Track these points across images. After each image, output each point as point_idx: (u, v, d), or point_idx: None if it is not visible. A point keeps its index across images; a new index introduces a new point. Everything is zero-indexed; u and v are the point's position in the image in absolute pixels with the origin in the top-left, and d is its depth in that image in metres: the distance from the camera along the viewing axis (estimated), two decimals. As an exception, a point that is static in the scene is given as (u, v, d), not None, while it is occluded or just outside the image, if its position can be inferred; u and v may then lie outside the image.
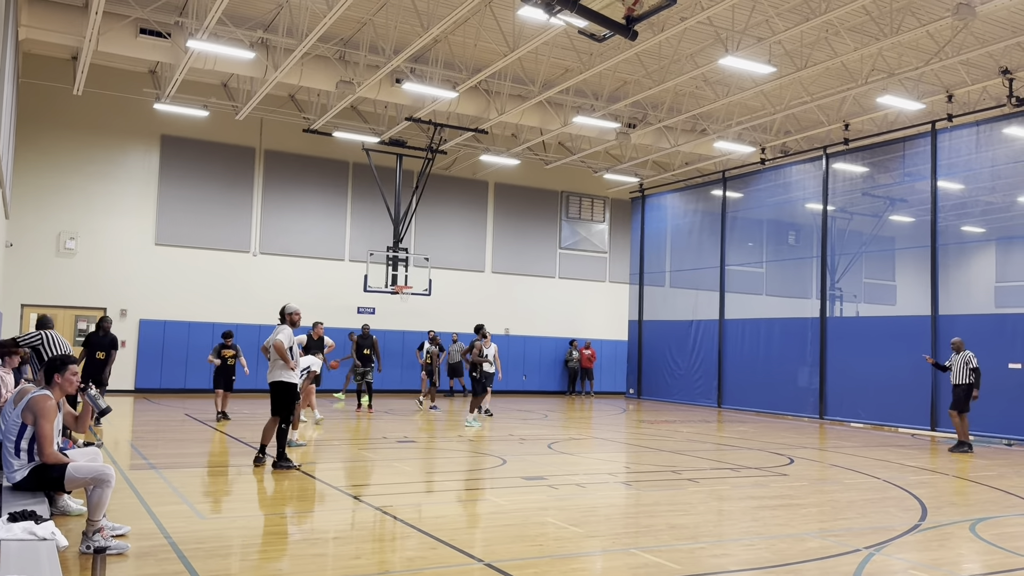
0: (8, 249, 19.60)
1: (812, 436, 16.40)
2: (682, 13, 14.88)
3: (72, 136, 21.30)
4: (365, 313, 24.14)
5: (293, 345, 10.15)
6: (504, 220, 27.43)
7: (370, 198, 24.59)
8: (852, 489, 9.83)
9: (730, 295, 23.86)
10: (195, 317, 22.39)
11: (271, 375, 10.05)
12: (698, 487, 9.50)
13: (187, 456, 11.16)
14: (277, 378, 9.98)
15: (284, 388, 10.00)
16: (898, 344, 18.70)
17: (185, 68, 17.24)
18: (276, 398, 9.98)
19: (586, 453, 12.73)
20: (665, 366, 25.80)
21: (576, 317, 28.22)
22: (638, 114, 22.34)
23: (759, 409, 22.07)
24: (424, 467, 10.91)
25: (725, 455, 12.76)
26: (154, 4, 16.42)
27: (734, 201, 24.40)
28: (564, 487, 9.35)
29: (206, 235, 22.84)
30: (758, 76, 18.09)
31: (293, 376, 10.08)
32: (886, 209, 21.50)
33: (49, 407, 5.95)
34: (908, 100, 18.72)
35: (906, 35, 15.23)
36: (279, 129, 23.56)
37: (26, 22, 16.02)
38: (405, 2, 15.58)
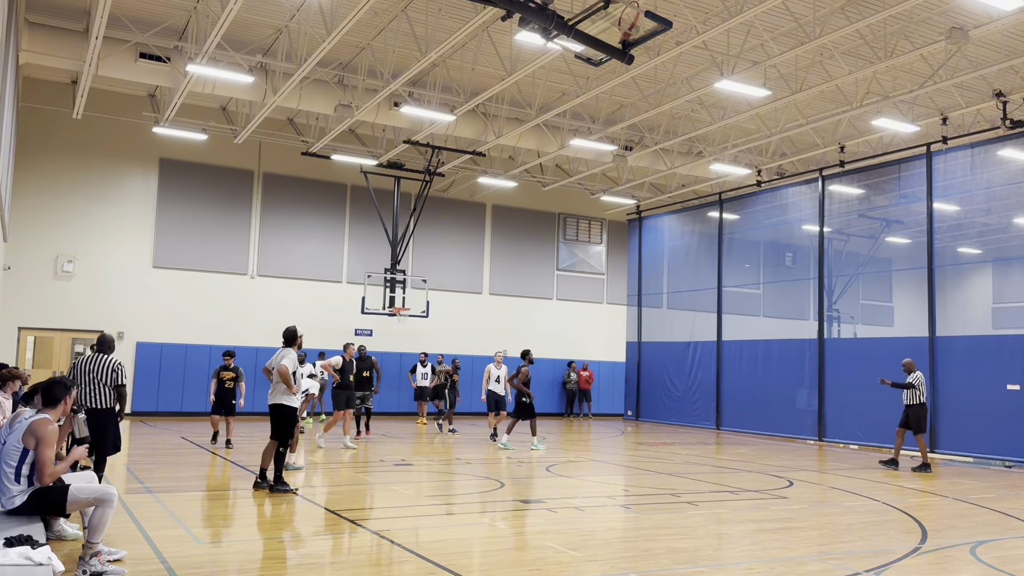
0: (5, 272, 19.59)
1: (811, 458, 16.35)
2: (677, 37, 15.02)
3: (71, 159, 21.36)
4: (362, 335, 24.10)
5: (297, 370, 10.18)
6: (502, 242, 27.49)
7: (368, 220, 24.65)
8: (852, 512, 9.80)
9: (727, 316, 23.87)
10: (192, 340, 22.35)
11: (272, 397, 10.04)
12: (697, 510, 9.46)
13: (184, 480, 11.11)
14: (278, 401, 9.96)
15: (284, 411, 9.97)
16: (896, 365, 18.64)
17: (184, 92, 17.34)
18: (276, 421, 9.95)
19: (584, 476, 12.68)
20: (663, 388, 25.75)
21: (574, 339, 28.20)
22: (635, 136, 22.46)
23: (758, 431, 22.01)
24: (422, 490, 10.86)
25: (724, 478, 12.71)
26: (154, 29, 16.54)
27: (731, 223, 24.48)
28: (562, 510, 9.31)
29: (204, 258, 22.85)
30: (753, 99, 18.22)
31: (294, 400, 10.09)
32: (882, 230, 21.57)
33: (51, 432, 5.92)
34: (903, 123, 18.86)
35: (900, 59, 15.38)
36: (277, 152, 23.65)
37: (27, 47, 16.12)
38: (403, 27, 15.72)
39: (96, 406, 8.87)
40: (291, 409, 10.04)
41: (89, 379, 8.92)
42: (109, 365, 9.04)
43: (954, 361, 17.55)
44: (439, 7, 14.82)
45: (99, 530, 5.74)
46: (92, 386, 8.90)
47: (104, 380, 8.97)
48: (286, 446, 9.98)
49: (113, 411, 9.03)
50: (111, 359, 9.13)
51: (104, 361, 9.06)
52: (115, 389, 9.02)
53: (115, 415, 9.08)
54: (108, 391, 8.97)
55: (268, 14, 16.11)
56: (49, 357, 20.95)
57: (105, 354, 9.22)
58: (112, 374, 9.00)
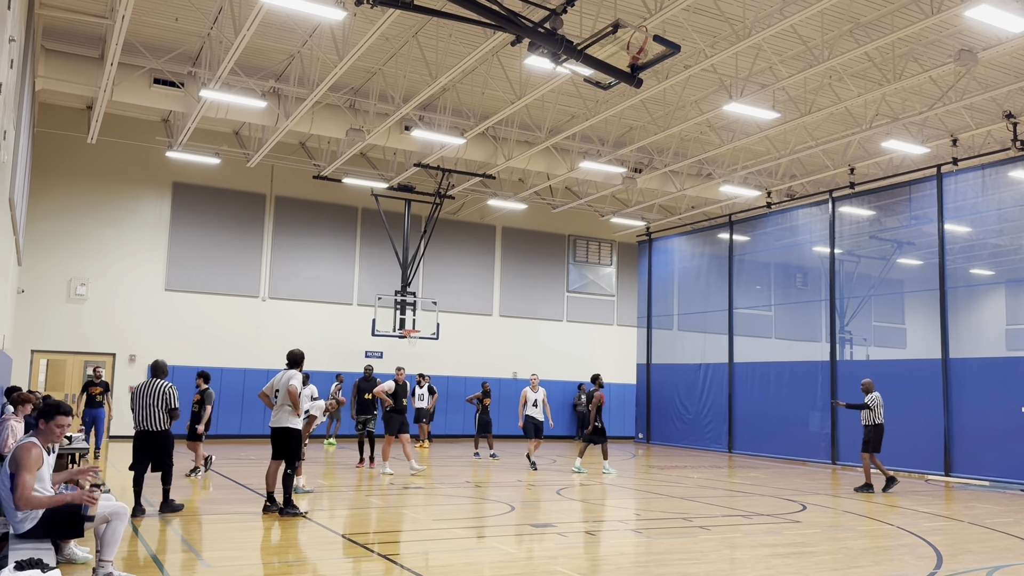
0: (19, 295, 19.74)
1: (824, 481, 16.20)
2: (686, 61, 15.10)
3: (85, 184, 21.58)
4: (373, 357, 24.12)
5: (303, 392, 10.27)
6: (511, 264, 27.53)
7: (379, 243, 24.75)
8: (866, 536, 9.69)
9: (739, 338, 23.76)
10: (204, 362, 22.37)
11: (277, 420, 10.02)
12: (710, 535, 9.38)
13: (194, 503, 11.09)
14: (284, 424, 9.95)
15: (290, 434, 9.97)
16: (909, 388, 18.54)
17: (198, 117, 17.52)
18: (282, 444, 9.94)
19: (596, 499, 12.60)
20: (674, 410, 25.61)
21: (584, 360, 28.11)
22: (644, 159, 22.53)
23: (770, 454, 21.83)
24: (431, 514, 10.81)
25: (737, 502, 12.61)
26: (168, 55, 16.76)
27: (741, 244, 24.45)
28: (573, 535, 9.25)
29: (216, 280, 22.98)
30: (762, 122, 18.27)
31: (299, 422, 10.10)
32: (894, 252, 21.50)
33: (32, 456, 5.80)
34: (913, 144, 18.85)
35: (909, 81, 15.40)
36: (290, 176, 23.82)
37: (43, 73, 16.35)
38: (414, 52, 15.87)
39: (152, 428, 9.69)
40: (297, 431, 10.05)
41: (145, 403, 9.70)
42: (162, 389, 9.76)
43: (968, 383, 17.40)
44: (449, 32, 14.96)
45: (111, 545, 5.75)
46: (149, 410, 9.69)
47: (159, 404, 9.71)
48: (294, 468, 9.97)
49: (168, 432, 9.83)
50: (165, 384, 9.86)
51: (159, 386, 9.79)
52: (168, 413, 9.77)
53: (170, 436, 9.88)
54: (163, 415, 9.74)
55: (281, 40, 16.30)
56: (62, 380, 21.05)
57: (159, 379, 9.99)
58: (165, 398, 9.73)
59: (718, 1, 13.57)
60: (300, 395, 10.06)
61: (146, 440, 9.76)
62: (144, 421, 9.72)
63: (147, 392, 9.77)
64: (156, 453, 9.74)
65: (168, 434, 9.83)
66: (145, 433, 9.75)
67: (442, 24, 14.64)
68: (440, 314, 24.24)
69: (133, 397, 9.97)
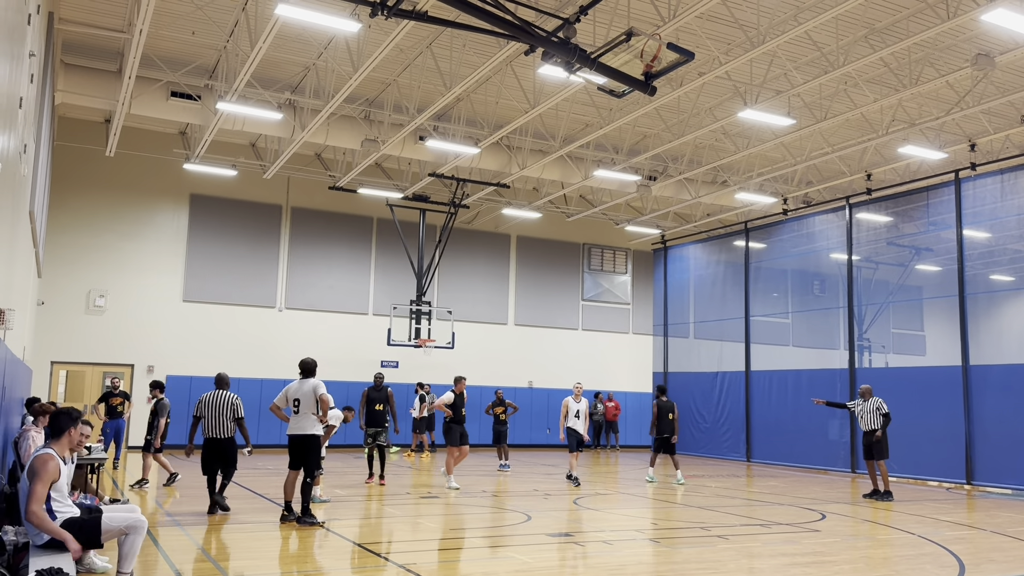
0: (39, 307, 19.93)
1: (844, 490, 16.05)
2: (700, 68, 15.09)
3: (104, 196, 21.79)
4: (388, 367, 24.17)
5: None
6: (526, 273, 27.53)
7: (394, 253, 24.83)
8: (886, 545, 9.58)
9: (756, 346, 23.63)
10: (217, 372, 22.50)
11: (298, 428, 10.02)
12: (728, 544, 9.30)
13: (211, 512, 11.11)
14: (307, 431, 9.97)
15: (309, 442, 9.98)
16: (929, 395, 18.37)
17: (214, 129, 17.67)
18: (303, 452, 9.95)
19: (612, 509, 12.54)
20: (691, 419, 25.47)
21: (600, 369, 28.05)
22: (659, 166, 22.50)
23: (789, 463, 21.66)
24: (448, 523, 10.79)
25: (755, 511, 12.51)
26: (185, 68, 16.93)
27: (757, 252, 24.34)
28: (591, 544, 9.20)
29: (233, 291, 23.12)
30: (778, 128, 18.21)
31: (320, 429, 10.17)
32: (912, 258, 21.32)
33: (49, 468, 5.76)
34: (930, 149, 18.73)
35: (925, 86, 15.31)
36: (305, 187, 23.96)
37: (62, 87, 16.55)
38: (428, 63, 15.94)
39: (220, 436, 10.64)
40: (317, 439, 10.10)
41: (215, 413, 10.66)
42: (230, 400, 10.76)
43: (989, 390, 17.22)
44: (463, 43, 15.03)
45: (130, 558, 5.78)
46: (217, 419, 10.65)
47: (227, 413, 10.68)
48: (312, 477, 9.98)
49: (233, 440, 10.75)
50: (231, 395, 10.85)
51: (225, 397, 10.78)
52: (235, 421, 10.72)
53: (235, 443, 10.78)
54: (230, 423, 10.70)
55: (296, 52, 16.43)
56: (81, 391, 21.21)
57: (224, 390, 10.92)
58: (232, 407, 10.72)
59: (732, 8, 13.56)
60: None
61: (215, 447, 10.65)
62: (213, 429, 10.65)
63: (215, 403, 10.71)
64: (224, 457, 10.66)
65: (233, 441, 10.75)
66: (214, 441, 10.66)
67: (456, 35, 14.71)
68: (455, 323, 24.27)
69: (200, 408, 10.80)
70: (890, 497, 14.18)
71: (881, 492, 14.28)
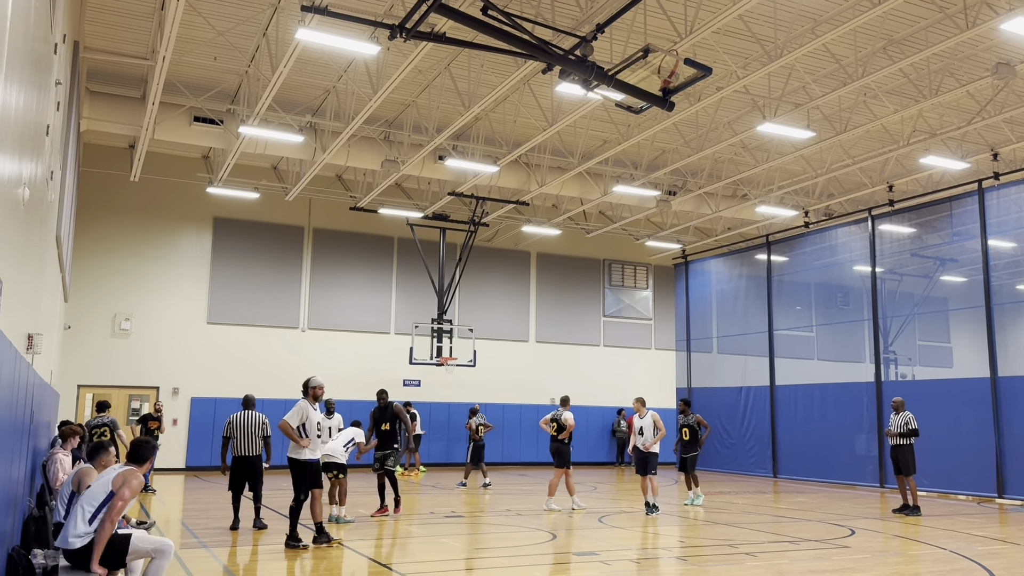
0: (66, 331, 20.18)
1: (873, 505, 15.82)
2: (718, 83, 15.08)
3: (129, 221, 22.08)
4: (411, 386, 24.21)
5: (307, 422, 9.76)
6: (547, 290, 27.52)
7: (414, 272, 24.93)
8: (918, 561, 9.43)
9: (780, 360, 23.43)
10: (244, 393, 22.63)
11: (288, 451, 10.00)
12: (756, 561, 9.20)
13: (238, 535, 11.15)
14: (289, 454, 9.91)
15: (294, 465, 9.78)
16: (958, 407, 18.10)
17: (237, 153, 17.88)
18: (291, 475, 9.90)
19: (638, 527, 12.44)
20: (715, 435, 25.23)
21: (622, 385, 27.91)
22: (678, 181, 22.47)
23: (816, 478, 21.40)
24: (472, 543, 10.75)
25: (783, 527, 12.36)
26: (207, 93, 17.17)
27: (779, 265, 24.19)
28: (617, 563, 9.13)
29: (256, 313, 23.29)
30: (797, 141, 18.14)
31: (306, 453, 9.73)
32: (936, 269, 21.10)
33: (138, 483, 6.13)
34: (952, 160, 18.57)
35: (946, 96, 15.21)
36: (327, 208, 24.16)
37: (87, 114, 16.84)
38: (447, 83, 16.07)
39: (249, 454, 11.18)
40: (300, 463, 9.71)
41: (245, 432, 11.20)
42: (259, 419, 11.36)
43: (1019, 402, 16.95)
44: (481, 63, 15.14)
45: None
46: (247, 438, 11.19)
47: (256, 432, 11.24)
48: (298, 501, 9.70)
49: (261, 457, 11.28)
50: (259, 415, 11.43)
51: (255, 416, 11.36)
52: (263, 439, 11.31)
53: (261, 461, 11.29)
54: (259, 441, 11.26)
55: (317, 76, 16.62)
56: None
57: (251, 410, 11.47)
58: (262, 427, 11.33)
59: (749, 23, 13.57)
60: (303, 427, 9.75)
61: (244, 464, 11.17)
62: (243, 448, 11.17)
63: (244, 422, 11.27)
64: (252, 475, 11.17)
65: (261, 459, 11.28)
66: (244, 459, 11.17)
67: (474, 55, 14.82)
68: (476, 341, 24.27)
69: (230, 428, 11.29)
70: (918, 512, 13.97)
71: (910, 507, 14.07)
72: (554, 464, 14.26)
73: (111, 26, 14.77)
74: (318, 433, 9.91)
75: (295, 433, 9.68)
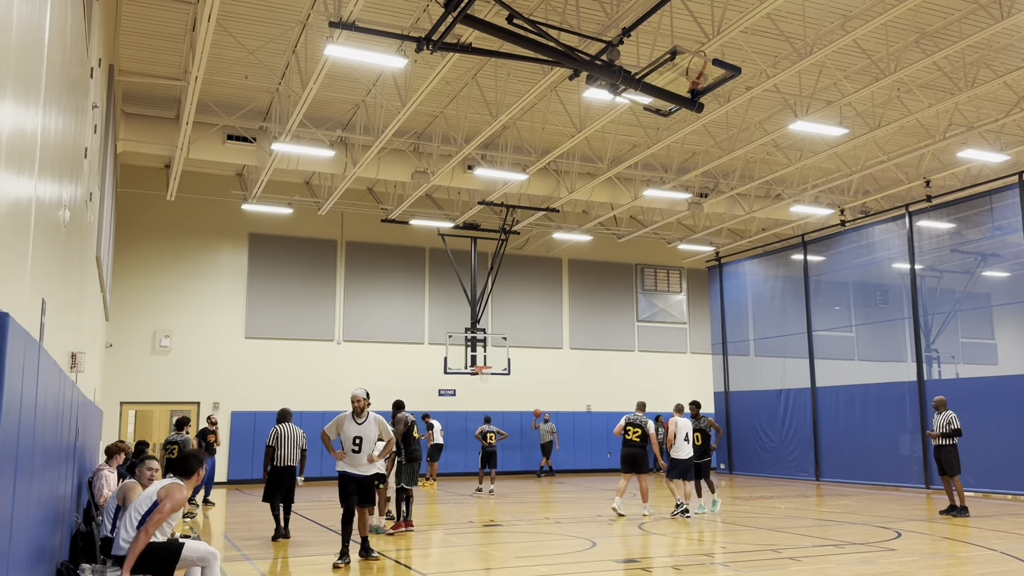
0: (108, 349, 20.55)
1: (919, 507, 15.51)
2: (747, 82, 14.96)
3: (166, 239, 22.45)
4: (446, 395, 24.26)
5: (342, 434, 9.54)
6: (580, 296, 27.44)
7: (447, 281, 25.01)
8: (968, 563, 9.21)
9: (820, 361, 23.09)
10: (284, 406, 22.84)
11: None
12: (801, 566, 9.05)
13: (280, 546, 11.24)
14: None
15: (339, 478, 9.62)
16: (1003, 405, 17.68)
17: (270, 169, 18.11)
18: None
19: (679, 533, 12.32)
20: (756, 439, 24.94)
21: (659, 390, 27.64)
22: (709, 183, 22.30)
23: (860, 481, 21.03)
24: (512, 551, 10.72)
25: (827, 531, 12.16)
26: (239, 111, 17.42)
27: (816, 265, 23.87)
28: (659, 570, 9.04)
29: (293, 326, 23.53)
30: (830, 139, 17.92)
31: (341, 465, 9.51)
32: (978, 265, 20.67)
33: (181, 498, 6.25)
34: (991, 152, 18.21)
35: (982, 88, 14.93)
36: (359, 221, 24.36)
37: (123, 136, 17.18)
38: (474, 93, 16.13)
39: (290, 465, 11.69)
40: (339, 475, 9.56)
41: (288, 444, 11.71)
42: (298, 432, 11.92)
43: (1069, 398, 16.51)
44: (508, 72, 15.18)
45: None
46: (289, 449, 11.69)
47: (297, 443, 11.79)
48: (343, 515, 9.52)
49: (297, 470, 11.77)
50: (297, 428, 11.94)
51: (295, 429, 11.90)
52: (301, 451, 11.85)
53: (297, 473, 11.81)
54: (298, 452, 11.77)
55: (346, 91, 16.79)
56: (149, 430, 21.74)
57: (289, 423, 11.98)
58: (302, 439, 11.94)
59: (777, 21, 13.45)
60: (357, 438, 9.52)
61: (283, 475, 11.60)
62: (285, 459, 11.64)
63: (287, 435, 11.78)
64: (289, 484, 11.60)
65: (296, 471, 11.79)
66: (283, 469, 11.63)
67: (500, 64, 14.86)
68: (510, 349, 24.26)
69: (275, 439, 11.75)
70: (966, 513, 13.65)
71: (958, 508, 13.76)
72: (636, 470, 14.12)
73: (145, 48, 15.07)
74: (353, 448, 9.45)
75: (330, 444, 9.63)
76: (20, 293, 3.58)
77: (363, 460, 9.46)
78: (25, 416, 3.57)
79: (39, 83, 3.93)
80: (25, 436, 3.65)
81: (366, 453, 9.47)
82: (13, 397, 3.18)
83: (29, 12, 3.45)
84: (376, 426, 9.57)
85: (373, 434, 9.47)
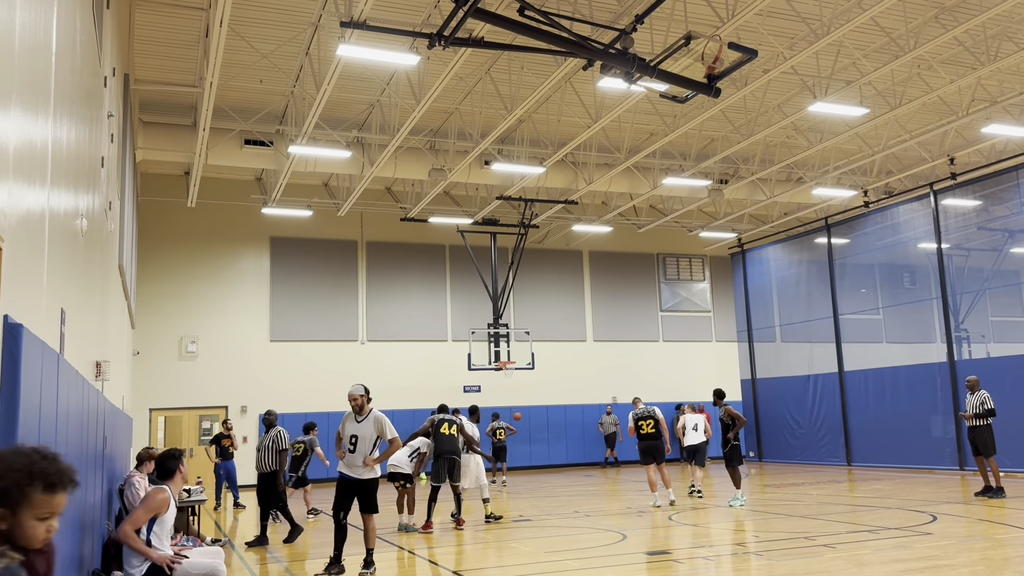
0: (135, 357, 20.74)
1: (954, 489, 15.28)
2: (764, 65, 14.77)
3: (188, 246, 22.61)
4: (471, 391, 24.25)
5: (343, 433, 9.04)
6: (602, 287, 27.30)
7: (468, 278, 24.99)
8: (1006, 545, 9.04)
9: (847, 345, 22.82)
10: (309, 408, 22.96)
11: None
12: (835, 553, 8.92)
13: (310, 548, 11.28)
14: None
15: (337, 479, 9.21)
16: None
17: (288, 172, 18.17)
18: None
19: (710, 523, 12.21)
20: (784, 425, 24.72)
21: (685, 380, 27.51)
22: (729, 169, 22.07)
23: (892, 464, 20.78)
24: (542, 546, 10.67)
25: (861, 516, 12.00)
26: (256, 116, 17.48)
27: (840, 247, 23.58)
28: (691, 561, 8.96)
29: (317, 328, 23.62)
30: (851, 119, 17.66)
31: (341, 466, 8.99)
32: (1006, 242, 20.32)
33: (158, 500, 6.21)
34: (1016, 127, 17.86)
35: (1005, 61, 14.61)
36: (378, 220, 24.39)
37: (142, 144, 17.30)
38: (488, 88, 16.06)
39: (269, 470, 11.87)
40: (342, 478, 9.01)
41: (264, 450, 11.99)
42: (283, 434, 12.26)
43: (1105, 374, 16.18)
44: (521, 65, 15.09)
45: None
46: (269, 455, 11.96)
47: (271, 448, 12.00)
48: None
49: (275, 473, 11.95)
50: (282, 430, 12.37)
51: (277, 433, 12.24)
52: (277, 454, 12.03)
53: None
54: (274, 456, 11.90)
55: (360, 91, 16.78)
56: (179, 435, 21.93)
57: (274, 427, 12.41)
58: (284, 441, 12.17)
59: (792, 2, 13.24)
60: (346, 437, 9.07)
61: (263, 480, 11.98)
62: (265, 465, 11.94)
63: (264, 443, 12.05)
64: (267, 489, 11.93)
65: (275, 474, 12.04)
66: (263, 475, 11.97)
67: (513, 57, 14.78)
68: (534, 343, 24.20)
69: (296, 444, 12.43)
70: (1003, 494, 13.42)
71: (993, 489, 13.53)
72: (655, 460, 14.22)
73: (159, 56, 15.15)
74: (349, 447, 8.89)
75: (339, 444, 9.13)
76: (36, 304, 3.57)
77: (358, 461, 8.79)
78: (46, 426, 3.56)
79: (48, 93, 3.91)
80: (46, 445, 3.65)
81: (361, 454, 8.78)
82: (31, 407, 3.17)
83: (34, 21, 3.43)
84: (374, 425, 8.86)
85: (370, 433, 8.80)
